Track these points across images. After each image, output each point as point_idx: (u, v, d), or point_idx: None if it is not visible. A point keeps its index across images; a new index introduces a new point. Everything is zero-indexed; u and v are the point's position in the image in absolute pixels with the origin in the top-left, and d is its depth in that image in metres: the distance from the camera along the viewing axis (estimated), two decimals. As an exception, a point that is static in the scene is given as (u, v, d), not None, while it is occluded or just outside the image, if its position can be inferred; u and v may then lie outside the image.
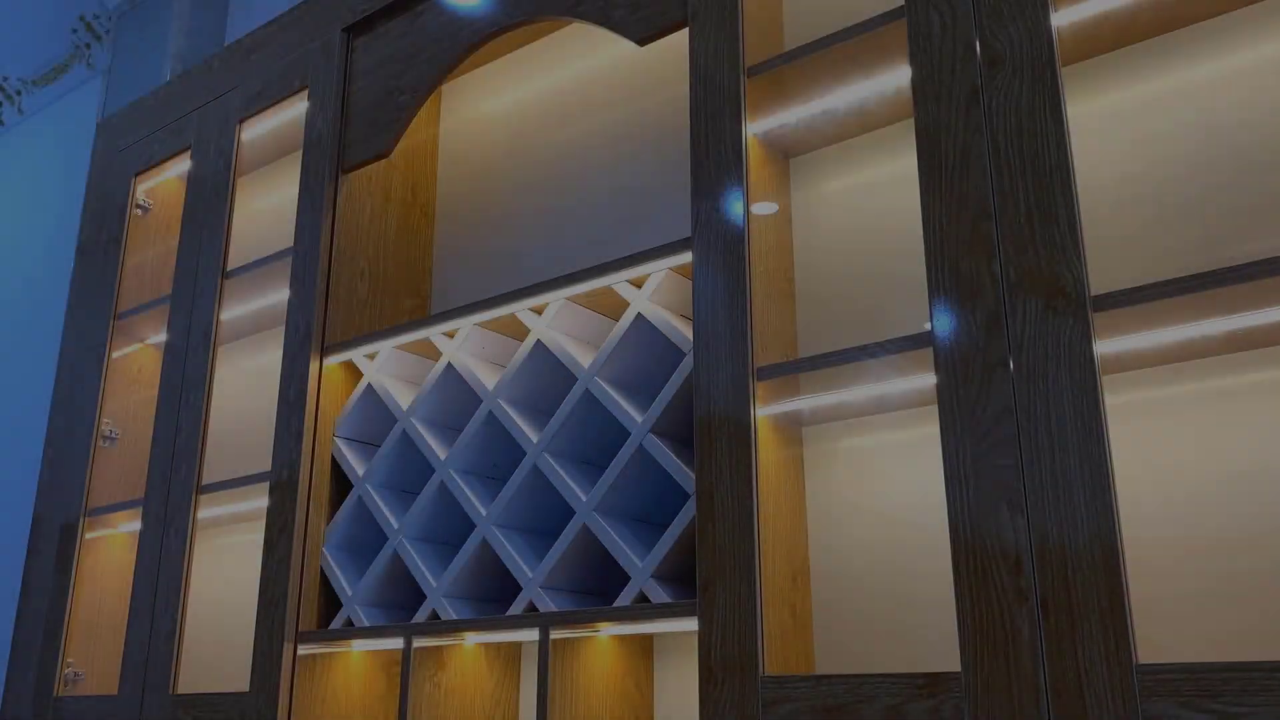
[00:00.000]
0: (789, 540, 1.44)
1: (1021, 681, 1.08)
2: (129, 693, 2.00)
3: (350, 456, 1.89)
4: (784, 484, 1.46)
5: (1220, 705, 0.97)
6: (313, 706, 1.78)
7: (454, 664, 1.69)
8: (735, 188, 1.46)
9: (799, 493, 1.51)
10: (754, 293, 1.44)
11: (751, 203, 1.48)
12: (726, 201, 1.46)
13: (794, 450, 1.52)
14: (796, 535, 1.47)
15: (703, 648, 1.32)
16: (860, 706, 1.18)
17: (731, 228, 1.45)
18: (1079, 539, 1.08)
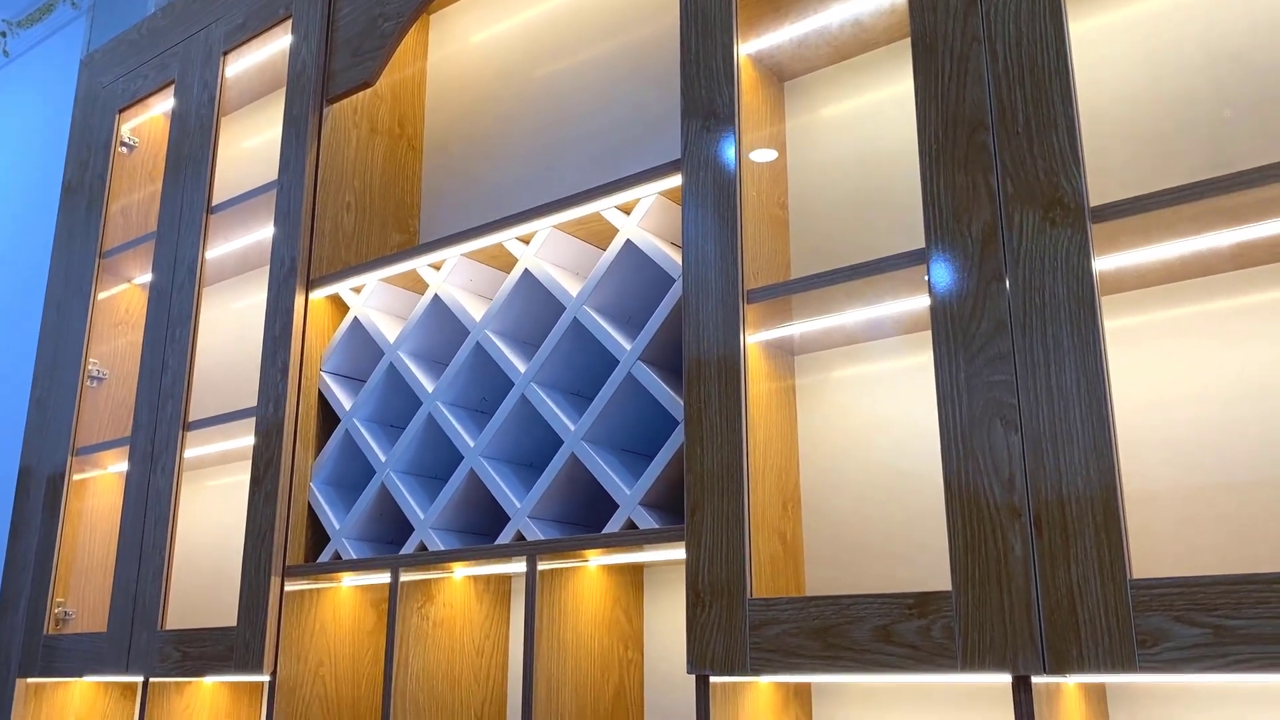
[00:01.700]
0: (780, 468, 1.41)
1: (1013, 599, 1.06)
2: (118, 630, 1.99)
3: (337, 391, 1.86)
4: (776, 413, 1.43)
5: (1215, 619, 0.95)
6: (301, 641, 1.77)
7: (442, 597, 1.67)
8: (726, 107, 1.42)
9: (791, 422, 1.48)
10: (745, 216, 1.40)
11: (744, 127, 1.44)
12: (717, 121, 1.42)
13: (786, 380, 1.49)
14: (788, 464, 1.44)
15: (690, 572, 1.30)
16: (848, 627, 1.16)
17: (722, 149, 1.41)
18: (1074, 454, 1.05)
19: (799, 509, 1.46)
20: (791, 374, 1.51)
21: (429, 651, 1.63)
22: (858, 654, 1.14)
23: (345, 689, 1.82)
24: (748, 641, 1.23)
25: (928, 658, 1.10)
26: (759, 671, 1.21)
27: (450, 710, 1.64)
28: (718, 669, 1.24)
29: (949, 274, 1.18)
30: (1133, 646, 0.98)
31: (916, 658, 1.10)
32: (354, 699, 1.83)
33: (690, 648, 1.27)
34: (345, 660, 1.83)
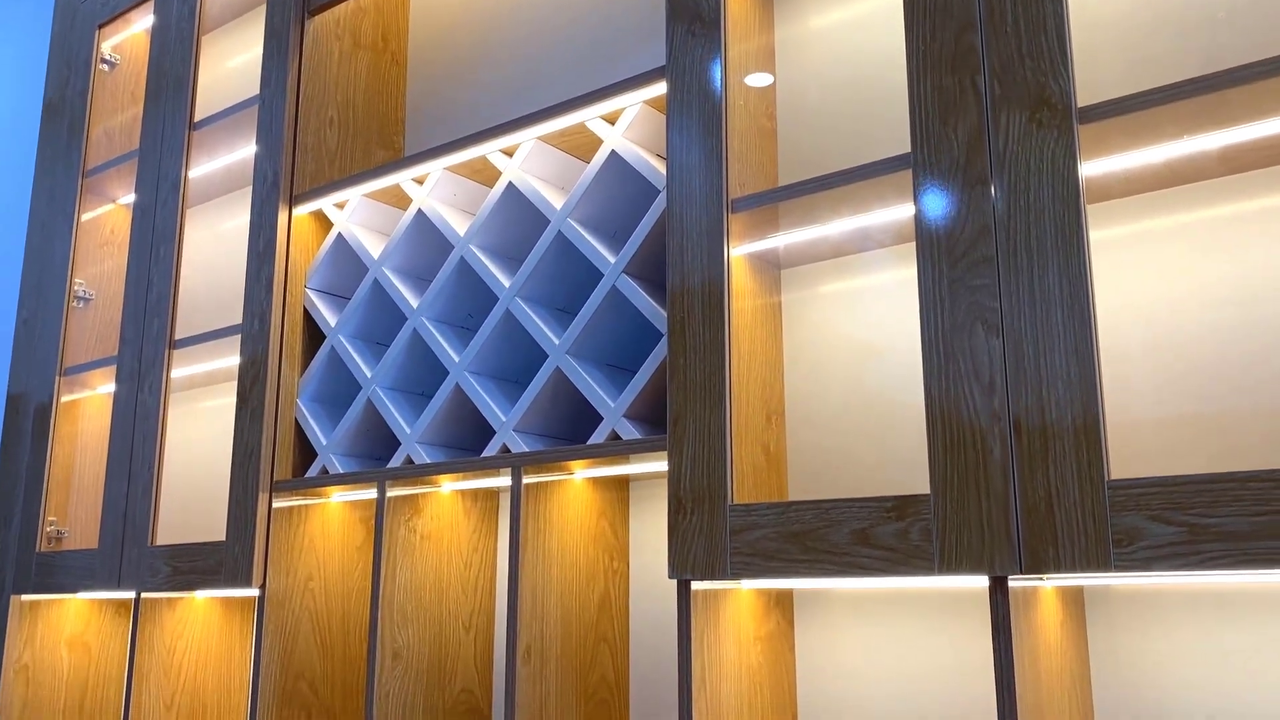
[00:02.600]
0: (764, 381, 1.41)
1: (991, 501, 1.06)
2: (109, 546, 2.00)
3: (322, 308, 1.85)
4: (761, 327, 1.42)
5: (1190, 517, 0.95)
6: (290, 555, 1.78)
7: (430, 510, 1.68)
8: (712, 10, 1.39)
9: (776, 337, 1.47)
10: (731, 125, 1.38)
11: (732, 35, 1.41)
12: (703, 25, 1.39)
13: (772, 295, 1.48)
14: (773, 377, 1.44)
15: (672, 480, 1.30)
16: (827, 531, 1.16)
17: (708, 55, 1.38)
18: (1055, 358, 1.04)
19: (783, 422, 1.46)
20: (778, 289, 1.50)
21: (416, 564, 1.64)
22: (836, 557, 1.15)
23: (335, 603, 1.84)
24: (728, 546, 1.24)
25: (905, 560, 1.10)
26: (739, 575, 1.22)
27: (438, 621, 1.65)
28: (698, 573, 1.25)
29: (934, 178, 1.16)
30: (1108, 546, 0.99)
31: (894, 560, 1.11)
32: (344, 612, 1.85)
33: (671, 553, 1.28)
34: (335, 575, 1.85)
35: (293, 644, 1.76)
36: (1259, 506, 0.92)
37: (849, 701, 1.38)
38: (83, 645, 2.23)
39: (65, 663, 2.20)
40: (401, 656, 1.59)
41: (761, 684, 1.36)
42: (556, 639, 1.48)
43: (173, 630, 1.97)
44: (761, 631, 1.38)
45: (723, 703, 1.28)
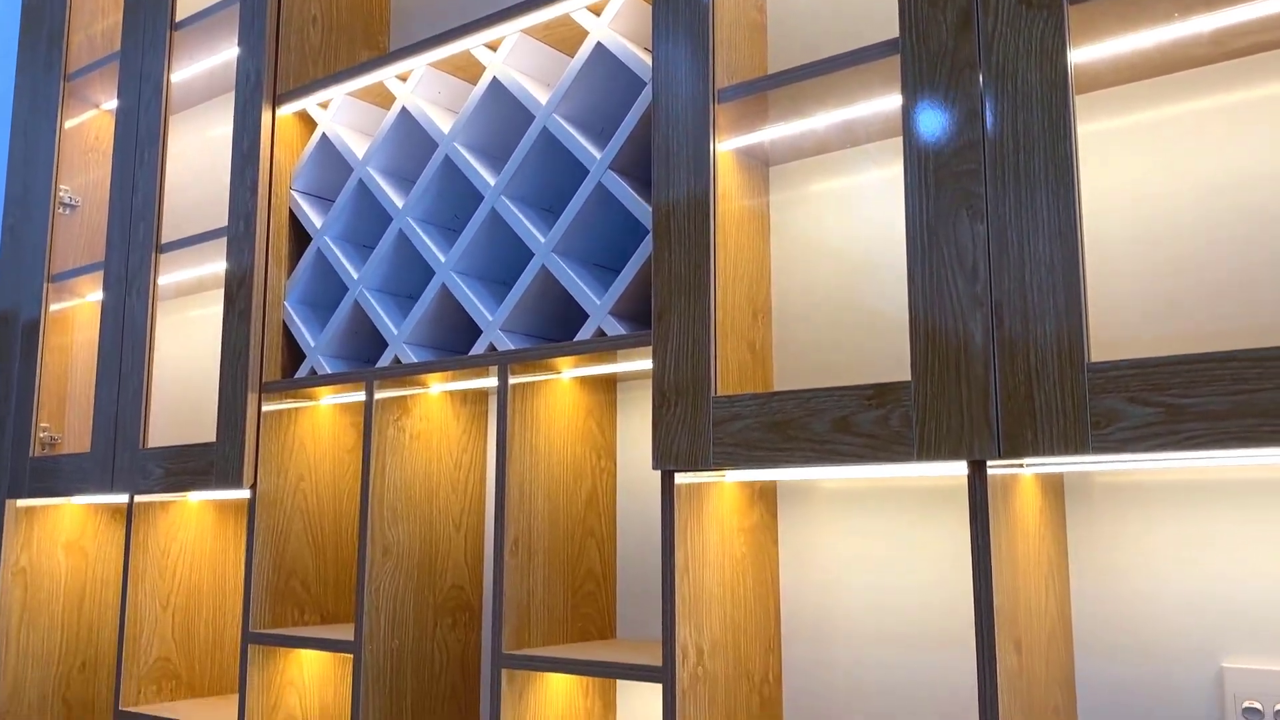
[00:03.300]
0: (751, 279, 1.41)
1: (972, 386, 1.06)
2: (101, 449, 2.01)
3: (308, 209, 1.83)
4: (748, 224, 1.41)
5: (1168, 398, 0.95)
6: (280, 456, 1.79)
7: (419, 411, 1.69)
8: (698, -105, 1.35)
9: (763, 234, 1.46)
10: (719, 14, 1.35)
11: (716, -87, 1.37)
12: (688, -90, 1.36)
13: (760, 195, 1.46)
14: (760, 275, 1.43)
15: (657, 373, 1.30)
16: (809, 420, 1.17)
17: (693, -61, 1.35)
18: (1039, 242, 1.04)
19: (769, 320, 1.45)
20: (765, 189, 1.49)
21: (406, 462, 1.65)
22: (817, 445, 1.16)
23: (327, 504, 1.86)
24: (711, 438, 1.24)
25: (885, 446, 1.11)
26: (721, 465, 1.23)
27: (428, 519, 1.67)
28: (682, 464, 1.26)
29: (922, 62, 1.14)
30: (1086, 428, 0.99)
31: (874, 447, 1.12)
32: (336, 513, 1.87)
33: (656, 445, 1.29)
34: (325, 477, 1.86)
35: (285, 543, 1.79)
36: (1237, 386, 0.92)
37: (831, 592, 1.40)
38: (79, 549, 2.26)
39: (62, 566, 2.23)
40: (392, 552, 1.61)
41: (744, 574, 1.38)
42: (544, 533, 1.50)
43: (167, 532, 2.00)
44: (745, 524, 1.39)
45: (705, 590, 1.30)
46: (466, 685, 1.69)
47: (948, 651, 1.30)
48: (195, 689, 2.01)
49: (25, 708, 2.15)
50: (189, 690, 2.00)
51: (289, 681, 1.76)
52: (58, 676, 2.20)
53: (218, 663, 2.04)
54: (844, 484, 1.42)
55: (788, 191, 1.51)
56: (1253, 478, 1.14)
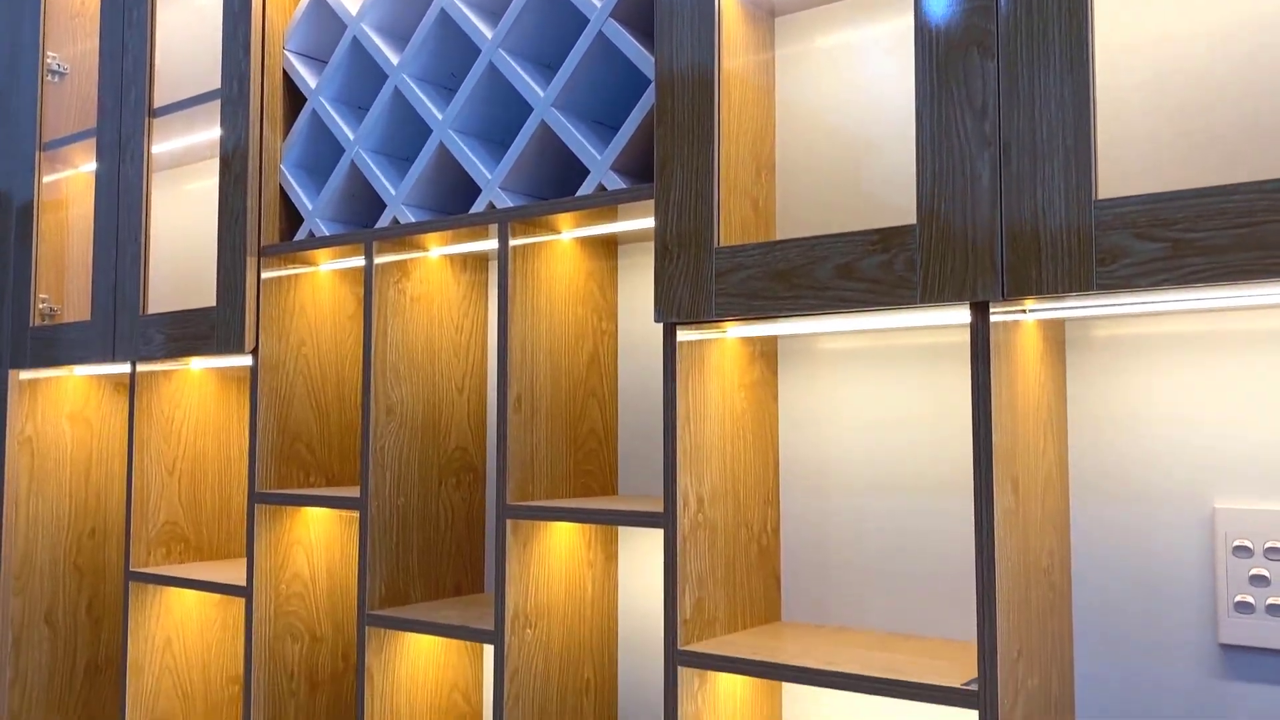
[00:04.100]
0: (755, 133, 1.39)
1: (977, 227, 1.06)
2: (101, 317, 2.01)
3: (302, 70, 1.80)
4: (753, 77, 1.38)
5: (1174, 233, 0.95)
6: (281, 321, 1.79)
7: (419, 274, 1.68)
8: None
9: (769, 90, 1.43)
10: None
11: None
12: None
13: (766, 49, 1.43)
14: (764, 129, 1.41)
15: (659, 226, 1.29)
16: (812, 267, 1.16)
17: None
18: (1049, 78, 1.02)
19: (773, 177, 1.44)
20: (771, 41, 1.46)
21: (407, 324, 1.65)
22: (819, 292, 1.16)
23: (329, 369, 1.87)
24: (713, 289, 1.24)
25: (889, 291, 1.11)
26: (723, 316, 1.23)
27: (431, 382, 1.68)
28: (684, 316, 1.26)
29: (934, -105, 1.10)
30: (1091, 265, 0.99)
31: (877, 292, 1.12)
32: (338, 378, 1.88)
33: (658, 298, 1.29)
34: (327, 342, 1.87)
35: (288, 407, 1.80)
36: (1242, 219, 0.92)
37: (829, 447, 1.42)
38: (84, 420, 2.28)
39: (68, 437, 2.25)
40: (395, 412, 1.62)
41: (745, 429, 1.39)
42: (546, 391, 1.51)
43: (170, 400, 2.01)
44: (745, 380, 1.40)
45: (706, 441, 1.32)
46: (471, 541, 1.73)
47: (945, 499, 1.33)
48: (204, 553, 2.05)
49: (37, 573, 2.19)
50: (197, 554, 2.04)
51: (296, 541, 1.79)
52: (68, 543, 2.24)
53: (225, 528, 2.08)
54: (844, 343, 1.42)
55: (794, 45, 1.48)
56: (1249, 328, 1.14)
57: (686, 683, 1.26)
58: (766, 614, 1.42)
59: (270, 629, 1.75)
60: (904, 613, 1.35)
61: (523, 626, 1.44)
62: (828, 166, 1.44)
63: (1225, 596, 1.12)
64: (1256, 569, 1.10)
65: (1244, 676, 1.12)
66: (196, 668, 2.02)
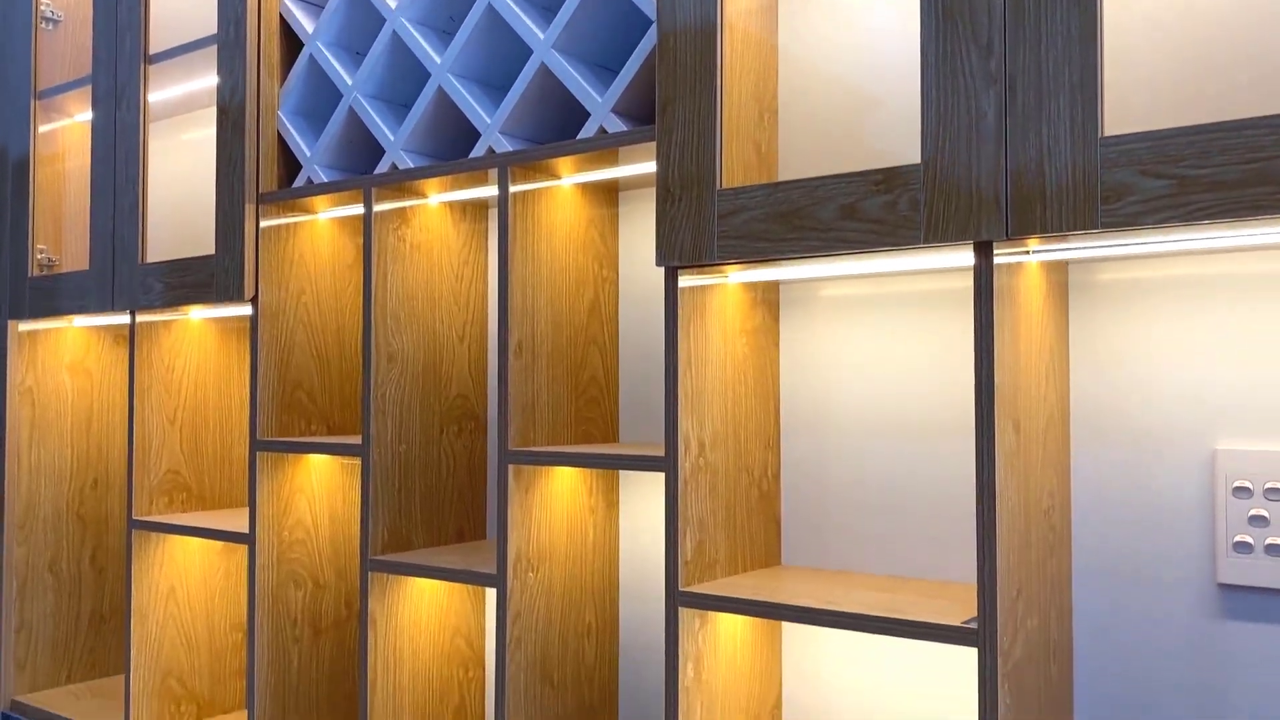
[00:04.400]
0: (758, 74, 1.37)
1: (981, 166, 1.05)
2: (100, 266, 2.00)
3: (299, 14, 1.77)
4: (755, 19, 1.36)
5: (1180, 169, 0.94)
6: (280, 269, 1.79)
7: (418, 221, 1.67)
8: None
9: (772, 30, 1.42)
10: None
11: None
12: None
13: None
14: (766, 70, 1.40)
15: (661, 168, 1.28)
16: (815, 208, 1.16)
17: None
18: (1056, 12, 1.01)
19: (776, 122, 1.43)
20: (773, -21, 1.44)
21: (407, 271, 1.65)
22: (822, 233, 1.15)
23: (329, 318, 1.86)
24: (715, 231, 1.23)
25: (892, 231, 1.10)
26: (725, 259, 1.22)
27: (432, 330, 1.68)
28: (685, 259, 1.26)
29: None
30: (1096, 204, 0.98)
31: (881, 232, 1.11)
32: (338, 327, 1.88)
33: (659, 241, 1.28)
34: (327, 291, 1.86)
35: (289, 355, 1.80)
36: (1251, 154, 0.91)
37: (830, 392, 1.42)
38: (84, 371, 2.28)
39: (68, 388, 2.25)
40: (396, 360, 1.62)
41: (745, 374, 1.39)
42: (547, 337, 1.51)
43: (170, 349, 2.01)
44: (747, 325, 1.40)
45: (707, 386, 1.32)
46: (474, 489, 1.73)
47: (945, 445, 1.33)
48: (206, 502, 2.06)
49: (40, 523, 2.20)
50: (199, 503, 2.04)
51: (298, 488, 1.80)
52: (70, 493, 2.25)
53: (226, 478, 2.09)
54: (845, 290, 1.42)
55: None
56: (1252, 271, 1.14)
57: (687, 623, 1.27)
58: (767, 558, 1.42)
59: (273, 575, 1.76)
60: (904, 557, 1.36)
61: (525, 570, 1.45)
62: (831, 112, 1.42)
63: (1224, 537, 1.13)
64: (1256, 509, 1.11)
65: (1241, 616, 1.13)
66: (200, 616, 2.04)
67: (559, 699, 1.50)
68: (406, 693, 1.62)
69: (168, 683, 1.98)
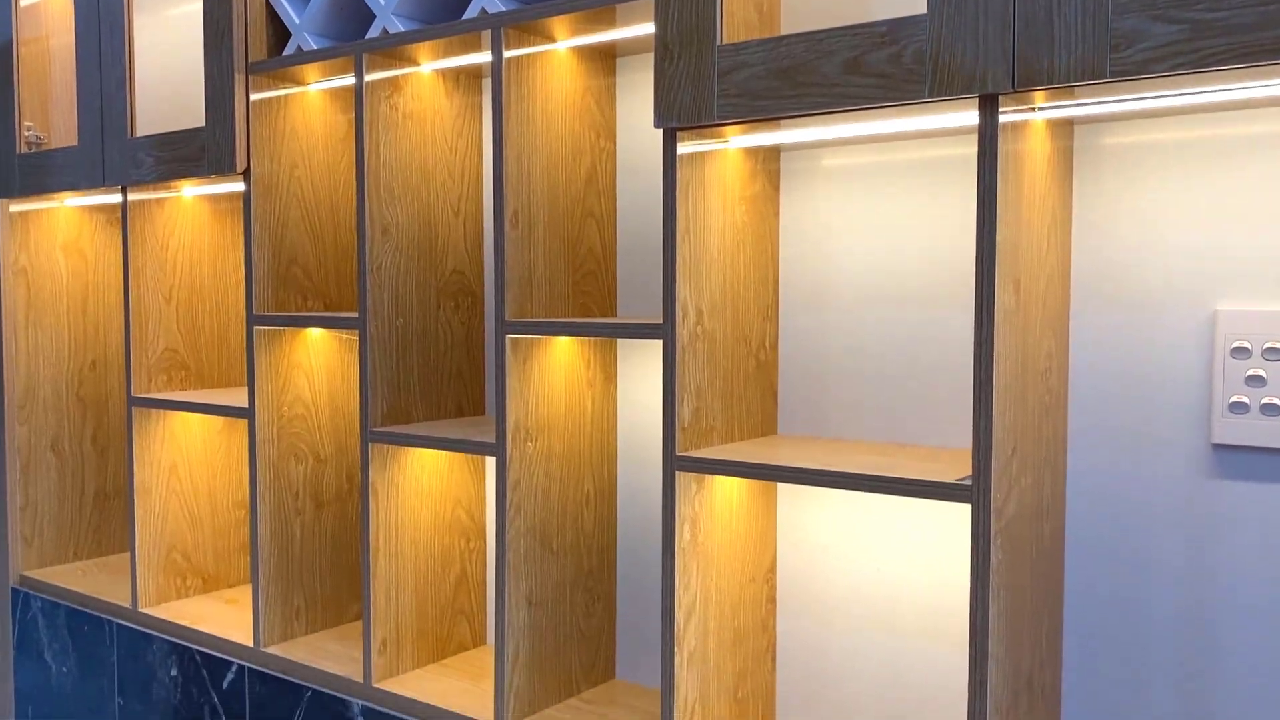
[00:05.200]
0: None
1: (989, 16, 1.02)
2: (89, 141, 1.97)
3: (284, -127, 1.71)
4: None
5: (1194, 13, 0.91)
6: (273, 142, 1.76)
7: (410, 89, 1.64)
8: None
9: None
10: None
11: None
12: None
13: None
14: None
15: (659, 25, 1.25)
16: (818, 62, 1.13)
17: None
18: None
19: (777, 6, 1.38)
20: None
21: (400, 141, 1.62)
22: (826, 89, 1.12)
23: (323, 193, 1.84)
24: (715, 89, 1.21)
25: (897, 85, 1.08)
26: (725, 118, 1.20)
27: (426, 203, 1.66)
28: (685, 119, 1.23)
29: None
30: (1106, 51, 0.96)
31: (885, 86, 1.09)
32: (332, 202, 1.85)
33: (657, 102, 1.25)
34: (320, 165, 1.83)
35: (283, 230, 1.78)
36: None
37: (830, 263, 1.41)
38: (78, 251, 2.26)
39: (63, 268, 2.24)
40: (391, 233, 1.60)
41: (745, 242, 1.38)
42: (544, 208, 1.49)
43: (164, 227, 1.99)
44: (746, 192, 1.38)
45: (706, 253, 1.30)
46: (472, 365, 1.73)
47: (945, 312, 1.32)
48: (204, 380, 2.06)
49: (41, 404, 2.21)
50: (198, 381, 2.05)
51: (296, 364, 1.80)
52: (69, 374, 2.25)
53: (224, 356, 2.09)
54: (847, 159, 1.39)
55: None
56: (1256, 131, 1.12)
57: (684, 487, 1.29)
58: (763, 427, 1.43)
59: (274, 450, 1.77)
60: (902, 426, 1.36)
61: (523, 440, 1.46)
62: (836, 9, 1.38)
63: (1220, 397, 1.13)
64: (1253, 369, 1.11)
65: (1235, 475, 1.14)
66: (203, 493, 2.06)
67: (559, 565, 1.53)
68: (409, 562, 1.65)
69: (172, 557, 2.01)
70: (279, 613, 1.79)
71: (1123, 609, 1.22)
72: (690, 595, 1.30)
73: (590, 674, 1.59)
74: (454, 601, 1.72)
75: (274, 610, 1.79)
